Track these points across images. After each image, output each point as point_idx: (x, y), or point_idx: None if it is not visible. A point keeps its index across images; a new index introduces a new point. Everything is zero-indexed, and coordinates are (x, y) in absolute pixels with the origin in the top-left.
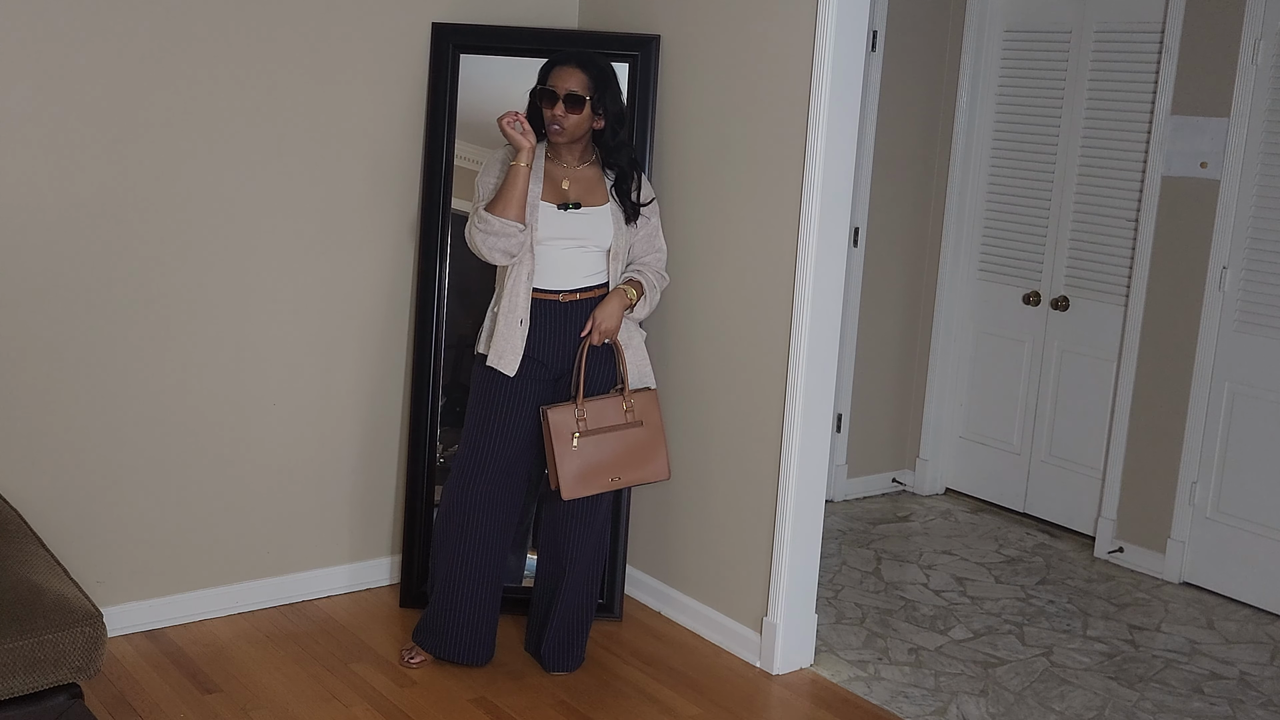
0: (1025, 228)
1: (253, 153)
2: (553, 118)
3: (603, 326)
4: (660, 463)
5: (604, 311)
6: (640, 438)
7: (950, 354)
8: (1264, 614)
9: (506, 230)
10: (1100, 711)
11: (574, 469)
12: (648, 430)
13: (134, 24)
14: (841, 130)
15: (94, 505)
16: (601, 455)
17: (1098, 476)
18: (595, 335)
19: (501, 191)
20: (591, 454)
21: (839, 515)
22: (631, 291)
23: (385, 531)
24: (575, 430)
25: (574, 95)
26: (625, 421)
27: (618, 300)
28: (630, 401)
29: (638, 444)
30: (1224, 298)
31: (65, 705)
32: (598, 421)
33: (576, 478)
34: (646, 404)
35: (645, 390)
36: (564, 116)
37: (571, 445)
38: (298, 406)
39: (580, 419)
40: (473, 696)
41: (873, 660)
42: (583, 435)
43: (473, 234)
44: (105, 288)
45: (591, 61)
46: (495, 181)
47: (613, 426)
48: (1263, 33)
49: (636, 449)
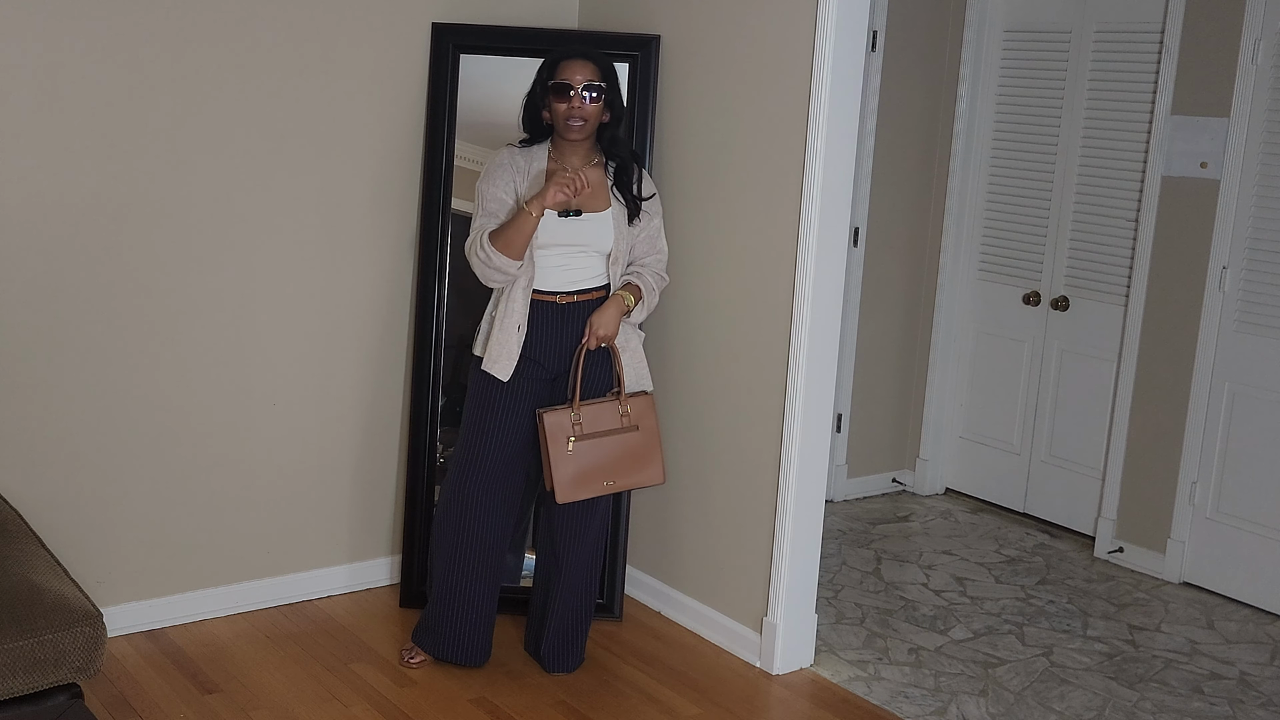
0: (1025, 228)
1: (253, 153)
2: (572, 111)
3: (599, 333)
4: (655, 468)
5: (601, 318)
6: (636, 442)
7: (950, 354)
8: (1264, 614)
9: (507, 269)
10: (1100, 711)
11: (569, 473)
12: (643, 435)
13: (135, 25)
14: (841, 130)
15: (94, 505)
16: (596, 459)
17: (1098, 476)
18: (592, 340)
19: (510, 233)
20: (586, 458)
21: (839, 515)
22: (629, 297)
23: (385, 531)
24: (571, 434)
25: (592, 86)
26: (621, 426)
27: (615, 307)
28: (626, 406)
29: (633, 449)
30: (1224, 298)
31: (65, 705)
32: (593, 426)
33: (571, 482)
34: (643, 408)
35: (641, 394)
36: (583, 107)
37: (567, 449)
38: (298, 406)
39: (576, 423)
40: (473, 696)
41: (873, 660)
42: (578, 439)
43: (473, 257)
44: (105, 288)
45: (596, 54)
46: (501, 195)
47: (608, 431)
48: (1263, 33)
49: (632, 454)
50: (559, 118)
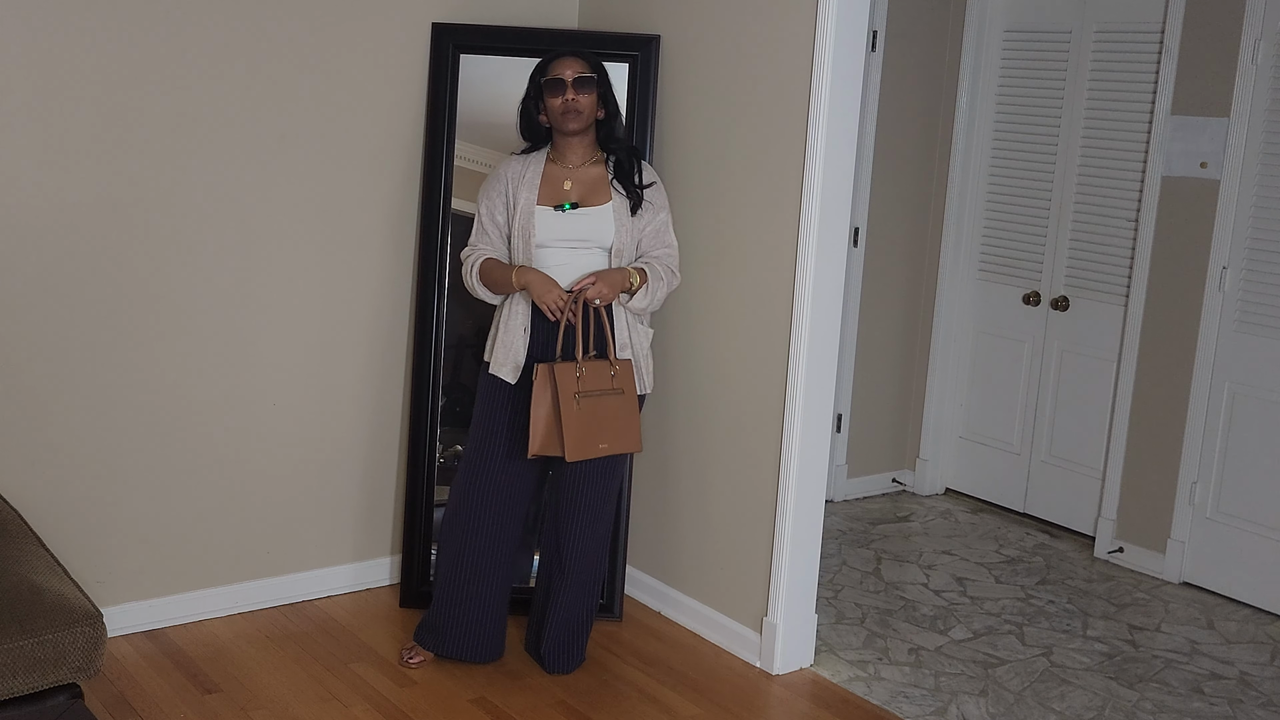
0: (1025, 228)
1: (253, 153)
2: (567, 103)
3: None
4: (635, 434)
5: (602, 275)
6: (621, 406)
7: (950, 354)
8: (1264, 614)
9: (490, 300)
10: (1100, 711)
11: (576, 430)
12: (627, 399)
13: (134, 25)
14: (841, 130)
15: (94, 505)
16: (595, 418)
17: (1098, 476)
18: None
19: (497, 277)
20: (589, 416)
21: (839, 515)
22: (634, 275)
23: (385, 531)
24: (577, 390)
25: (582, 78)
26: (611, 387)
27: (620, 275)
28: (615, 367)
29: (620, 411)
30: (1224, 298)
31: (65, 705)
32: (592, 384)
33: (579, 440)
34: (625, 372)
35: (624, 360)
36: (576, 99)
37: (575, 405)
38: (298, 406)
39: (580, 377)
40: (473, 696)
41: (873, 660)
42: (583, 395)
43: (467, 278)
44: (105, 288)
45: (584, 51)
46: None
47: (602, 391)
48: (1263, 33)
49: (619, 416)
50: (555, 113)
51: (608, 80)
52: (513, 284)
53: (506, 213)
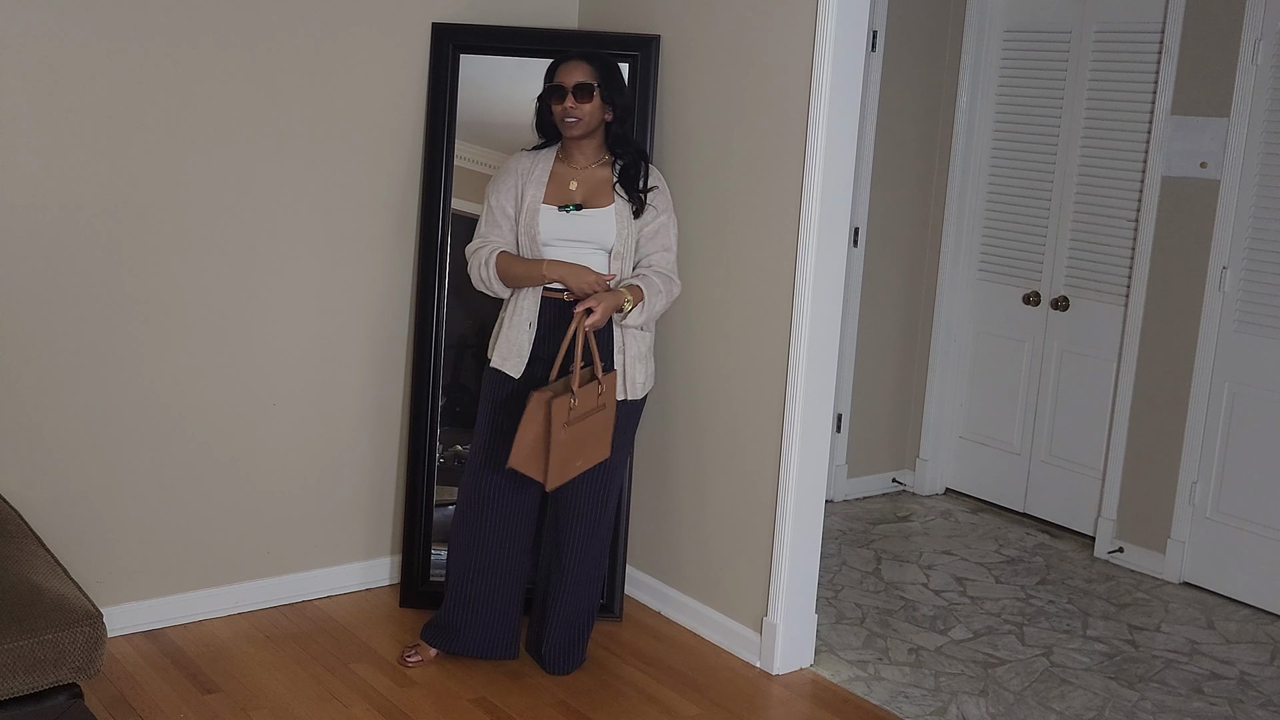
0: (1025, 228)
1: (253, 153)
2: (565, 110)
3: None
4: (606, 444)
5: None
6: (600, 422)
7: (950, 354)
8: (1264, 614)
9: (500, 293)
10: (1100, 711)
11: (559, 459)
12: (606, 413)
13: (135, 25)
14: (841, 130)
15: (94, 505)
16: (576, 441)
17: (1098, 476)
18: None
19: (518, 271)
20: (571, 441)
21: (839, 515)
22: (628, 296)
23: (385, 531)
24: (566, 420)
25: (582, 85)
26: (596, 406)
27: (615, 297)
28: (602, 386)
29: (599, 427)
30: (1224, 298)
31: (65, 705)
32: (581, 408)
33: (560, 468)
34: (610, 388)
35: (610, 374)
36: (576, 106)
37: (562, 434)
38: (298, 406)
39: (572, 407)
40: (473, 696)
41: (873, 660)
42: (570, 423)
43: (472, 266)
44: (106, 287)
45: (595, 55)
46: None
47: (588, 411)
48: (1263, 33)
49: (597, 432)
50: (556, 118)
51: (618, 81)
52: (543, 276)
53: (516, 206)
